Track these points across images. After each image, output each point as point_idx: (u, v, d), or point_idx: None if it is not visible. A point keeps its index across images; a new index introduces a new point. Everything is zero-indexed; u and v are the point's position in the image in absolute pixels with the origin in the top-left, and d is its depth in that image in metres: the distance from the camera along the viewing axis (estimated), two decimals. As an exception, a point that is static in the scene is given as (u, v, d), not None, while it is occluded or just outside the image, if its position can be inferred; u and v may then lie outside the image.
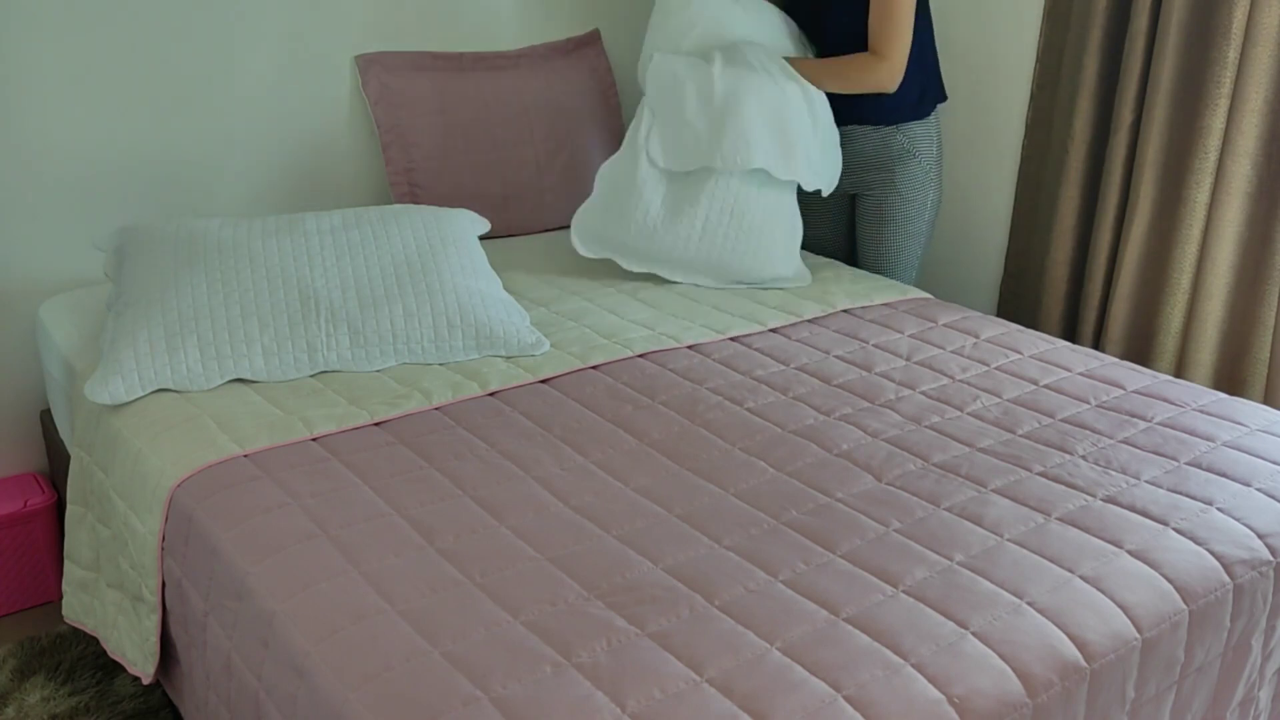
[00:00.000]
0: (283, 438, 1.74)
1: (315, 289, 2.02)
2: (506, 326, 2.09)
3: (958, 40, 2.97)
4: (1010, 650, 1.30)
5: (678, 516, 1.56)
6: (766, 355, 2.14)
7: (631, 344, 2.15)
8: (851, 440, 1.80)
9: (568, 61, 3.06)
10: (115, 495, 1.80)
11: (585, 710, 1.16)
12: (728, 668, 1.24)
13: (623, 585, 1.39)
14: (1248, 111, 2.36)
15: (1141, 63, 2.52)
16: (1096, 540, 1.52)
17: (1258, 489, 1.68)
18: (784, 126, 2.41)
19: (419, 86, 2.80)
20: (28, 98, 2.37)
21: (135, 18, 2.45)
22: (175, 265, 2.02)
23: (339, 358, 1.99)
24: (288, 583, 1.39)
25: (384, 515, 1.54)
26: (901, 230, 2.65)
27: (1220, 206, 2.43)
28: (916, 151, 2.61)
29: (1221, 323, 2.50)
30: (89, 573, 1.95)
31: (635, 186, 2.44)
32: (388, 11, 2.79)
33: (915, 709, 1.19)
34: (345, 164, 2.82)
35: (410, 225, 2.20)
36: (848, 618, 1.34)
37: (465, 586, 1.38)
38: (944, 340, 2.24)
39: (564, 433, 1.80)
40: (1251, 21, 2.31)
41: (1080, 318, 2.73)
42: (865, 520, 1.55)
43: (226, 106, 2.61)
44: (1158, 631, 1.40)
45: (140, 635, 1.75)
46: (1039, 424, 1.88)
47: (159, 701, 2.04)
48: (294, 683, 1.28)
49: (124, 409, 1.87)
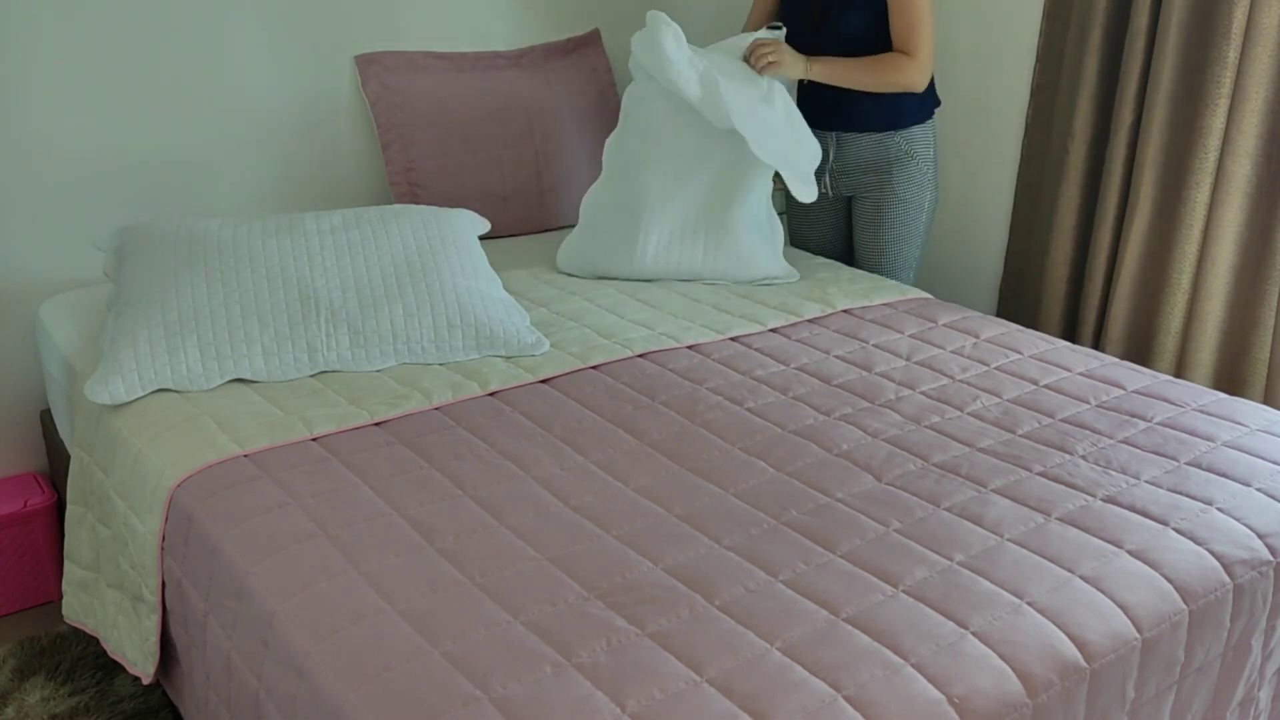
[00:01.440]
0: (283, 438, 1.74)
1: (315, 289, 2.02)
2: (506, 326, 2.09)
3: (958, 40, 2.97)
4: (1010, 650, 1.30)
5: (678, 516, 1.56)
6: (766, 355, 2.14)
7: (631, 344, 2.15)
8: (851, 440, 1.80)
9: (568, 61, 3.06)
10: (115, 495, 1.80)
11: (585, 710, 1.16)
12: (728, 668, 1.24)
13: (623, 585, 1.39)
14: (1248, 111, 2.36)
15: (1141, 63, 2.52)
16: (1096, 540, 1.52)
17: (1258, 489, 1.68)
18: (759, 114, 2.43)
19: (419, 86, 2.80)
20: (28, 98, 2.37)
21: (135, 18, 2.45)
22: (175, 265, 2.02)
23: (339, 358, 1.99)
24: (288, 583, 1.39)
25: (384, 515, 1.54)
26: (899, 232, 2.65)
27: (1220, 206, 2.43)
28: (914, 154, 2.61)
29: (1221, 323, 2.50)
30: (89, 573, 1.95)
31: (636, 218, 2.47)
32: (388, 11, 2.79)
33: (915, 709, 1.19)
34: (345, 164, 2.82)
35: (410, 225, 2.20)
36: (848, 618, 1.34)
37: (465, 586, 1.38)
38: (944, 340, 2.24)
39: (564, 433, 1.80)
40: (1251, 21, 2.31)
41: (1080, 318, 2.73)
42: (865, 520, 1.55)
43: (227, 106, 2.61)
44: (1158, 631, 1.40)
45: (140, 635, 1.75)
46: (1039, 424, 1.88)
47: (159, 701, 2.04)
48: (294, 683, 1.28)
49: (124, 409, 1.87)
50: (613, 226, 2.50)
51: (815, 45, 2.58)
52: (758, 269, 2.50)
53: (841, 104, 2.61)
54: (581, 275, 2.54)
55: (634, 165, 2.51)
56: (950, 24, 2.98)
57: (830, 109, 2.64)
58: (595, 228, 2.52)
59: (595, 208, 2.54)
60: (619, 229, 2.49)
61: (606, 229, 2.51)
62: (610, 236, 2.50)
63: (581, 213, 2.56)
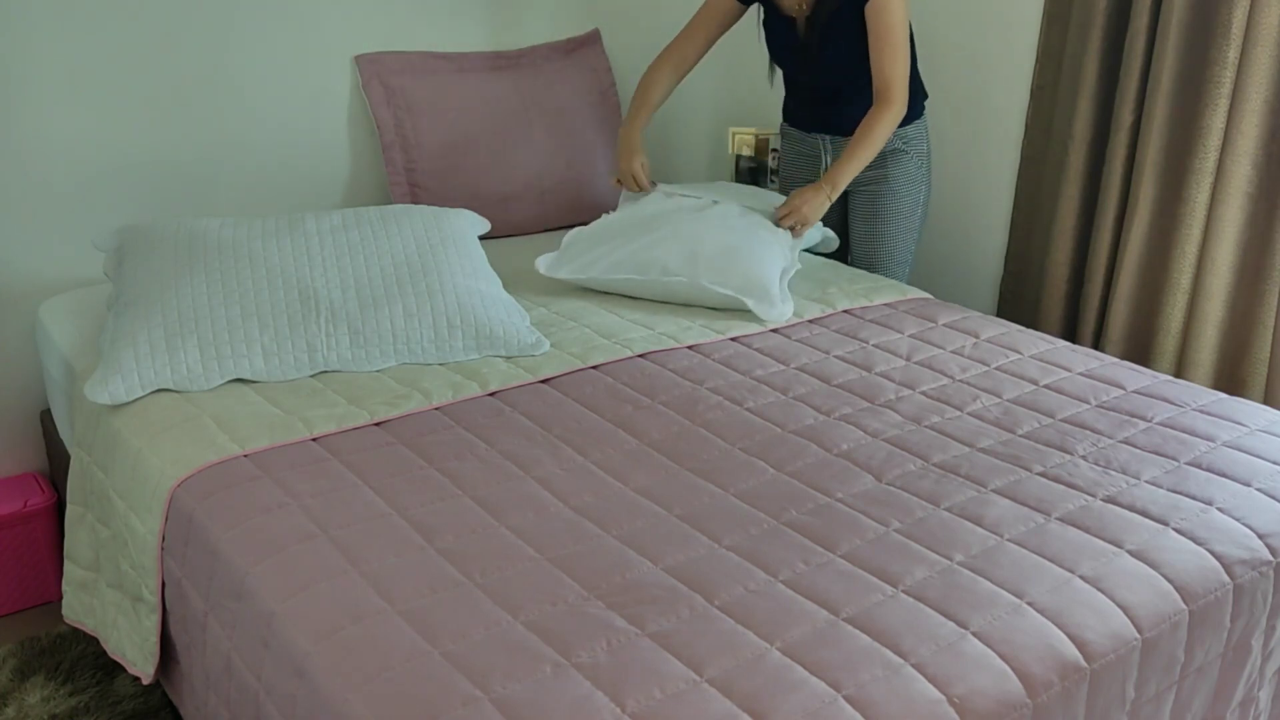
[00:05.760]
0: (283, 438, 1.74)
1: (315, 289, 2.02)
2: (506, 326, 2.09)
3: (958, 41, 2.97)
4: (1010, 650, 1.30)
5: (677, 516, 1.56)
6: (766, 355, 2.14)
7: (631, 344, 2.15)
8: (851, 440, 1.80)
9: (568, 61, 3.06)
10: (115, 495, 1.80)
11: (585, 710, 1.16)
12: (728, 668, 1.24)
13: (623, 585, 1.39)
14: (1248, 111, 2.35)
15: (1141, 63, 2.52)
16: (1096, 540, 1.52)
17: (1258, 489, 1.68)
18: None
19: (419, 86, 2.80)
20: (27, 98, 2.37)
21: (135, 18, 2.45)
22: (175, 265, 2.02)
23: (339, 358, 1.99)
24: (288, 583, 1.39)
25: (384, 515, 1.54)
26: (895, 226, 2.66)
27: (1220, 206, 2.43)
28: (908, 149, 2.63)
29: (1221, 323, 2.49)
30: (89, 573, 1.95)
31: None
32: (388, 11, 2.79)
33: (915, 709, 1.19)
34: (345, 164, 2.82)
35: (410, 225, 2.20)
36: (848, 618, 1.34)
37: (465, 586, 1.38)
38: (944, 340, 2.24)
39: (564, 433, 1.80)
40: (1251, 21, 2.31)
41: (1080, 318, 2.73)
42: (865, 520, 1.55)
43: (227, 106, 2.61)
44: (1158, 631, 1.40)
45: (140, 635, 1.75)
46: (1039, 424, 1.88)
47: (159, 701, 2.04)
48: (294, 683, 1.28)
49: (124, 409, 1.87)
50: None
51: (800, 76, 2.62)
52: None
53: (832, 111, 2.63)
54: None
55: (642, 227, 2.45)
56: (951, 24, 2.98)
57: (823, 116, 2.67)
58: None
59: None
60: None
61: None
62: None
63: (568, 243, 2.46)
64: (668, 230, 2.38)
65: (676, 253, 2.33)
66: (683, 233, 2.37)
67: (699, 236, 2.36)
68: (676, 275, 2.31)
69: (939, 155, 3.09)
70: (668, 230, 2.38)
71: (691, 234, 2.36)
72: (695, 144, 3.51)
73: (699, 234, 2.36)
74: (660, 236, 2.37)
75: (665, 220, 2.43)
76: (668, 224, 2.41)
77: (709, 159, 3.56)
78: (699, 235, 2.36)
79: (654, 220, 2.44)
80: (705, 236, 2.36)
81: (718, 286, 2.29)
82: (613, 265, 2.37)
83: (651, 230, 2.40)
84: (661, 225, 2.41)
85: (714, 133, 3.54)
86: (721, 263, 2.31)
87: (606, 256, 2.39)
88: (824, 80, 2.60)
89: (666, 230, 2.38)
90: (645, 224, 2.43)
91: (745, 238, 2.37)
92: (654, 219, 2.44)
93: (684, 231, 2.37)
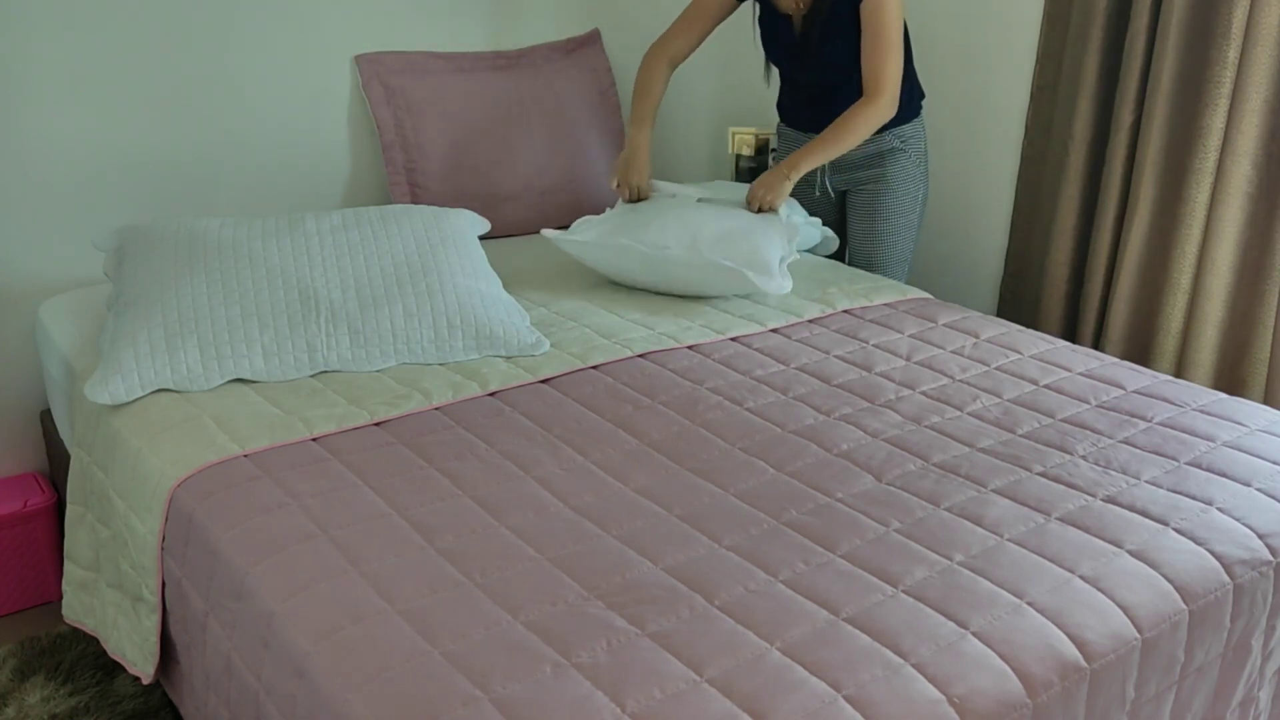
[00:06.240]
0: (283, 438, 1.74)
1: (315, 289, 2.02)
2: (506, 326, 2.09)
3: (958, 41, 2.97)
4: (1010, 650, 1.30)
5: (677, 516, 1.56)
6: (766, 355, 2.14)
7: (631, 344, 2.15)
8: (851, 440, 1.80)
9: (568, 61, 3.06)
10: (115, 495, 1.80)
11: (585, 710, 1.16)
12: (728, 668, 1.24)
13: (622, 585, 1.39)
14: (1248, 111, 2.35)
15: (1141, 63, 2.52)
16: (1096, 540, 1.52)
17: (1258, 489, 1.68)
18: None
19: (419, 86, 2.80)
20: (27, 98, 2.37)
21: (135, 18, 2.45)
22: (175, 265, 2.02)
23: (339, 358, 1.99)
24: (288, 583, 1.39)
25: (384, 515, 1.54)
26: (893, 224, 2.66)
27: (1220, 206, 2.43)
28: (907, 147, 2.64)
29: (1221, 323, 2.49)
30: (89, 573, 1.95)
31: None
32: (388, 11, 2.79)
33: (915, 709, 1.19)
34: (345, 164, 2.82)
35: (410, 225, 2.20)
36: (848, 618, 1.34)
37: (465, 586, 1.38)
38: (944, 340, 2.24)
39: (564, 433, 1.80)
40: (1251, 21, 2.31)
41: (1080, 318, 2.73)
42: (865, 520, 1.55)
43: (227, 106, 2.61)
44: (1158, 631, 1.40)
45: (140, 635, 1.75)
46: (1039, 424, 1.88)
47: (159, 701, 2.04)
48: (294, 683, 1.28)
49: (124, 409, 1.87)
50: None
51: (797, 75, 2.63)
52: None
53: (828, 110, 2.63)
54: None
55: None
56: (950, 24, 2.98)
57: (819, 115, 2.67)
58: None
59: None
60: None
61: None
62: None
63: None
64: (670, 217, 2.44)
65: (677, 234, 2.38)
66: (684, 218, 2.43)
67: (699, 223, 2.42)
68: (678, 249, 2.37)
69: (939, 156, 3.09)
70: (670, 217, 2.44)
71: (693, 220, 2.43)
72: (695, 144, 3.51)
73: (699, 221, 2.42)
74: (663, 222, 2.43)
75: (667, 208, 2.49)
76: (670, 211, 2.47)
77: (709, 159, 3.56)
78: (699, 221, 2.42)
79: (655, 208, 2.50)
80: (705, 223, 2.42)
81: (719, 258, 2.33)
82: (616, 230, 2.43)
83: (654, 217, 2.46)
84: (664, 213, 2.46)
85: (714, 133, 3.54)
86: (722, 242, 2.37)
87: (611, 233, 2.45)
88: (821, 79, 2.60)
89: (669, 217, 2.44)
90: (647, 210, 2.50)
91: (744, 223, 2.43)
92: (655, 207, 2.51)
93: (685, 218, 2.44)
